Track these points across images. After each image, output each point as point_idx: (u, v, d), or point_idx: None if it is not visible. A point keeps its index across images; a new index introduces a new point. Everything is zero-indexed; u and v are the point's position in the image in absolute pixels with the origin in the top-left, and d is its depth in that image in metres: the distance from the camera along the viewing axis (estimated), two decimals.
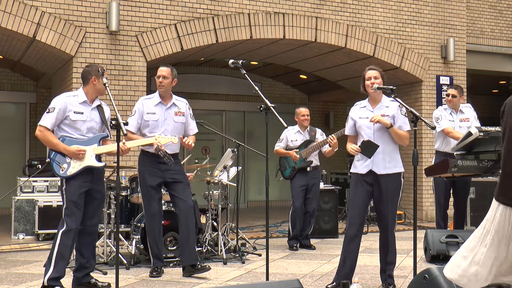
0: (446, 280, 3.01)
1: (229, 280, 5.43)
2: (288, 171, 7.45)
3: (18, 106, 12.25)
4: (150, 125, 5.54)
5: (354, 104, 5.13)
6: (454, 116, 6.77)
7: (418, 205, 10.50)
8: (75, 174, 4.75)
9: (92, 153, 4.83)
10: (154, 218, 5.63)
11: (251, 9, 9.42)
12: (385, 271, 5.01)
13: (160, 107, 5.59)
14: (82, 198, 4.79)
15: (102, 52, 8.47)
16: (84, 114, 4.87)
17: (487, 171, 5.82)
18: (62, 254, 4.71)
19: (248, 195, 14.08)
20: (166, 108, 5.60)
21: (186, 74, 13.07)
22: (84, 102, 4.91)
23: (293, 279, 3.18)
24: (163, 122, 5.55)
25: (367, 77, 4.93)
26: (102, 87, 4.86)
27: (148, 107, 5.58)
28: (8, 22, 7.94)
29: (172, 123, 5.58)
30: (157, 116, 5.55)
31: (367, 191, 4.92)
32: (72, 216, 4.73)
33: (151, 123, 5.54)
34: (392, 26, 10.60)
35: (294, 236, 7.37)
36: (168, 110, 5.60)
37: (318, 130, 7.58)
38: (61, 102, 4.86)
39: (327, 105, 14.98)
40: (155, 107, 5.58)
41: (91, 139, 4.88)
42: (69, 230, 4.72)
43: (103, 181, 5.23)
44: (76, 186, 4.75)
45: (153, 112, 5.56)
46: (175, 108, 5.64)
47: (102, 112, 4.98)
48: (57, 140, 4.80)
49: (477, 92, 14.91)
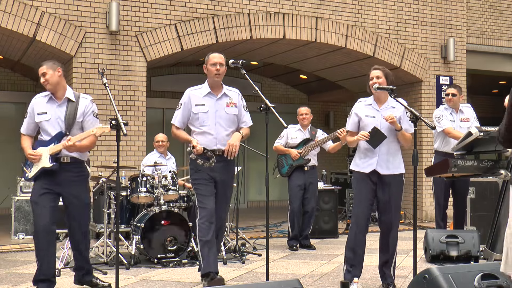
0: (446, 280, 3.01)
1: (229, 280, 5.43)
2: (286, 169, 7.44)
3: (18, 106, 12.24)
4: (200, 118, 4.96)
5: (358, 101, 5.06)
6: (455, 116, 6.77)
7: (418, 205, 10.50)
8: (34, 177, 4.66)
9: (47, 154, 4.61)
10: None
11: (251, 9, 9.42)
12: (385, 271, 5.01)
13: (209, 97, 5.00)
14: (45, 199, 4.62)
15: (102, 52, 8.48)
16: (48, 113, 4.67)
17: (487, 171, 5.82)
18: (37, 256, 4.63)
19: (248, 195, 14.08)
20: (216, 99, 5.00)
21: (186, 74, 13.07)
22: (50, 99, 4.74)
23: (293, 279, 3.18)
24: (214, 114, 4.97)
25: (370, 77, 4.93)
26: (57, 79, 4.69)
27: (196, 99, 5.00)
28: (8, 22, 7.95)
29: (224, 115, 4.99)
30: (206, 108, 4.97)
31: (372, 189, 4.90)
32: (36, 217, 4.62)
33: (201, 116, 4.96)
34: (392, 26, 10.60)
35: (293, 237, 7.37)
36: (219, 101, 5.00)
37: (319, 131, 7.58)
38: (30, 105, 4.75)
39: (327, 105, 14.98)
40: (203, 98, 4.99)
41: (51, 139, 4.66)
42: (36, 232, 4.61)
43: (83, 185, 4.86)
44: (38, 187, 4.65)
45: (202, 103, 4.98)
46: (227, 98, 5.04)
47: (72, 107, 4.69)
48: (25, 144, 4.72)
49: (477, 92, 14.91)
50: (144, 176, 6.59)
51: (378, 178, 4.90)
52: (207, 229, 4.85)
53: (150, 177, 6.63)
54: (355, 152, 5.13)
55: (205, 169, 4.89)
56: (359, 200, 4.93)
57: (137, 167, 7.57)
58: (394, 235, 4.96)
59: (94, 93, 8.38)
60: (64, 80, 4.83)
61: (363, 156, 4.92)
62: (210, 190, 4.94)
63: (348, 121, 5.08)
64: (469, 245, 6.01)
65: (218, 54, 5.04)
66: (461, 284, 3.20)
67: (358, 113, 4.96)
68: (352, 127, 5.01)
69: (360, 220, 4.91)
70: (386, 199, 4.92)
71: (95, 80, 8.36)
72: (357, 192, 4.96)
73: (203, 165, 4.83)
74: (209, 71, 5.01)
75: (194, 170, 4.97)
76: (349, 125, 5.04)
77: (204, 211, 4.87)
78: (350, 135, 5.04)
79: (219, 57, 5.01)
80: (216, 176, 4.95)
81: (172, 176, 6.63)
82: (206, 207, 4.88)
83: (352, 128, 5.01)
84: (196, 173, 4.96)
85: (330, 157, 7.74)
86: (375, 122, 4.88)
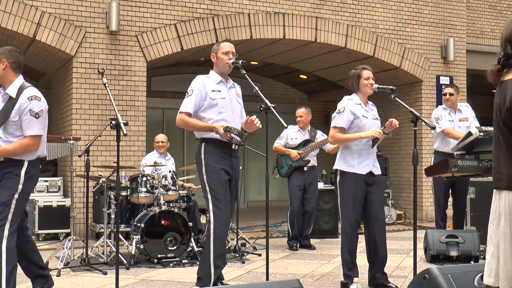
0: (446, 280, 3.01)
1: (229, 280, 5.43)
2: (285, 169, 7.44)
3: None
4: (219, 104, 4.57)
5: (346, 98, 4.97)
6: (453, 115, 6.77)
7: (418, 205, 10.50)
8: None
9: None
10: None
11: (251, 9, 9.42)
12: (376, 272, 4.96)
13: (223, 85, 4.69)
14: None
15: (102, 52, 8.48)
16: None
17: (487, 171, 5.82)
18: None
19: (248, 195, 14.09)
20: (228, 88, 4.73)
21: (186, 74, 13.06)
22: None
23: (293, 279, 3.18)
24: (231, 102, 4.66)
25: (365, 76, 4.90)
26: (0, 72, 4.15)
27: (211, 85, 4.63)
28: (8, 22, 7.95)
29: (236, 104, 4.73)
30: (224, 94, 4.62)
31: (365, 191, 4.91)
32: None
33: (219, 102, 4.57)
34: (392, 26, 10.60)
35: (293, 237, 7.38)
36: (231, 90, 4.74)
37: (319, 132, 7.58)
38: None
39: (327, 105, 14.98)
40: (217, 85, 4.66)
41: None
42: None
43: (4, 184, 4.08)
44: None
45: (218, 89, 4.63)
46: (235, 89, 4.82)
47: (9, 105, 4.11)
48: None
49: (477, 92, 14.90)
50: (144, 176, 6.59)
51: (372, 179, 4.91)
52: (223, 238, 4.55)
53: (150, 177, 6.63)
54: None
55: (225, 164, 4.55)
56: (354, 202, 4.86)
57: (137, 167, 7.57)
58: (385, 233, 5.00)
59: (94, 93, 8.38)
60: (10, 73, 4.20)
61: (358, 157, 4.87)
62: (227, 194, 4.59)
63: (340, 118, 4.89)
64: (469, 245, 6.01)
65: (229, 43, 4.76)
66: (461, 284, 3.20)
67: (354, 112, 4.88)
68: (346, 124, 4.87)
69: (355, 223, 4.89)
70: (380, 198, 4.98)
71: (95, 80, 8.36)
72: (351, 194, 4.86)
73: (240, 142, 4.49)
74: (220, 60, 4.68)
75: (211, 167, 4.53)
76: (343, 122, 4.86)
77: (221, 218, 4.50)
78: (339, 131, 4.88)
79: (231, 46, 4.74)
80: (232, 173, 4.64)
81: (172, 176, 6.63)
82: (223, 213, 4.52)
83: (346, 125, 4.87)
84: (212, 171, 4.54)
85: (330, 157, 7.73)
86: (368, 122, 4.90)
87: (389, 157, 11.25)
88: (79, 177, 6.96)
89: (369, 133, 4.79)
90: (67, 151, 6.36)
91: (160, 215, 6.28)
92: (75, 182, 6.99)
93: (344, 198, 4.92)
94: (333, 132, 4.91)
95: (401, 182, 11.28)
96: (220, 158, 4.56)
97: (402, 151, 11.28)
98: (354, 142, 4.86)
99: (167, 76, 13.05)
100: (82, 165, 7.20)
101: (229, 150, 4.60)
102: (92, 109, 8.37)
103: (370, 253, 4.98)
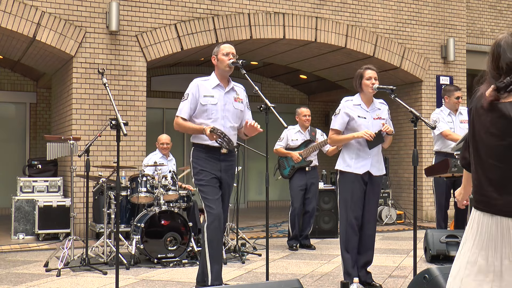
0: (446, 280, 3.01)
1: (229, 280, 5.43)
2: (287, 170, 7.45)
3: (18, 106, 12.24)
4: (209, 110, 4.65)
5: (345, 99, 5.00)
6: (453, 117, 6.73)
7: (418, 205, 10.50)
8: None
9: None
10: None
11: (251, 9, 9.42)
12: (360, 270, 5.00)
13: (218, 90, 4.73)
14: None
15: (102, 52, 8.47)
16: None
17: None
18: None
19: (248, 195, 14.08)
20: (225, 92, 4.74)
21: (186, 74, 13.06)
22: None
23: (293, 279, 3.18)
24: (223, 107, 4.70)
25: (367, 76, 4.91)
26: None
27: (205, 89, 4.69)
28: (8, 22, 7.94)
29: (232, 109, 4.75)
30: (215, 100, 4.68)
31: (363, 190, 4.94)
32: None
33: (209, 108, 4.65)
34: (392, 26, 10.60)
35: (293, 237, 7.38)
36: (228, 95, 4.75)
37: (318, 131, 7.59)
38: None
39: (327, 105, 14.98)
40: (213, 90, 4.70)
41: None
42: None
43: None
44: None
45: (211, 95, 4.68)
46: (234, 93, 4.80)
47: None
48: None
49: None
50: (144, 176, 6.59)
51: (370, 179, 4.94)
52: (217, 237, 4.59)
53: (150, 177, 6.64)
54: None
55: (211, 168, 4.63)
56: (352, 201, 4.90)
57: (137, 167, 7.57)
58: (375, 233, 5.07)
59: (94, 93, 8.38)
60: None
61: (355, 157, 4.91)
62: (217, 192, 4.65)
63: (335, 120, 4.98)
64: None
65: (229, 45, 4.78)
66: None
67: (349, 113, 4.92)
68: (341, 126, 4.95)
69: (354, 222, 4.91)
70: (376, 199, 5.01)
71: (95, 80, 8.36)
72: (348, 194, 4.92)
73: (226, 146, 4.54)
74: (221, 61, 4.71)
75: (198, 170, 4.64)
76: (338, 124, 4.96)
77: (213, 216, 4.56)
78: (336, 133, 4.97)
79: (231, 47, 4.76)
80: (222, 176, 4.73)
81: (172, 176, 6.63)
82: (215, 211, 4.57)
83: (341, 128, 4.96)
84: (200, 173, 4.64)
85: (330, 157, 7.74)
86: (367, 123, 4.90)
87: (389, 157, 11.26)
88: (79, 177, 6.96)
89: (359, 134, 4.86)
90: (67, 151, 6.37)
91: (160, 215, 6.28)
92: (75, 182, 6.99)
93: (343, 197, 4.98)
94: (330, 134, 5.06)
95: (401, 182, 11.28)
96: (206, 162, 4.66)
97: (402, 151, 11.28)
98: (352, 142, 4.92)
99: (167, 76, 13.04)
100: (82, 165, 7.20)
101: (217, 154, 4.67)
102: (92, 109, 8.37)
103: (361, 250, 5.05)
